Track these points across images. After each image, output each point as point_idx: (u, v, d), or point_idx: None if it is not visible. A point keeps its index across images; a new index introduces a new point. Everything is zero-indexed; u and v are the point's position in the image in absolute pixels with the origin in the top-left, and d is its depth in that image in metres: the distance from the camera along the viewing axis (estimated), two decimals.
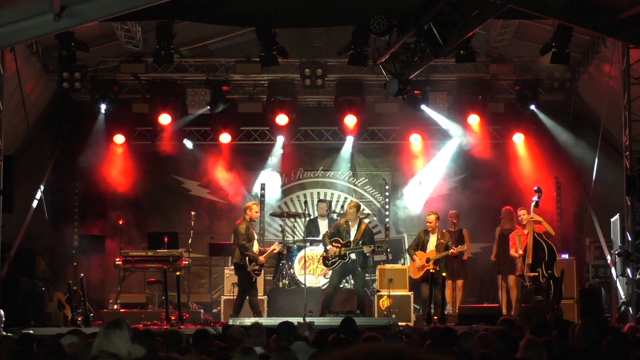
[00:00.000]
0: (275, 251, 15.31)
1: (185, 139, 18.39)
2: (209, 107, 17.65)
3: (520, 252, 14.53)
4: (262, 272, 15.71)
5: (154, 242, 15.88)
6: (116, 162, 18.14)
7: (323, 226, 16.38)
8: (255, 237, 14.94)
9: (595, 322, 7.73)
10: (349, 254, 14.69)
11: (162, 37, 15.85)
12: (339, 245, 14.73)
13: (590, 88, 17.22)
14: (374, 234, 15.93)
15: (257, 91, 18.49)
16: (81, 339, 6.99)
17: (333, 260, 14.75)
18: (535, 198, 14.54)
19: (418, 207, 18.16)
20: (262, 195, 17.90)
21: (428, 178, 18.37)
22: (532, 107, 17.50)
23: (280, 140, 18.37)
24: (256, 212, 15.01)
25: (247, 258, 14.46)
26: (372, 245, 14.90)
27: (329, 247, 14.83)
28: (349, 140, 18.45)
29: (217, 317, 15.59)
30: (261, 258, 14.62)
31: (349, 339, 8.08)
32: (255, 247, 14.68)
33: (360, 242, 14.72)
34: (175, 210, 18.16)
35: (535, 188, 14.75)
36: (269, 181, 18.38)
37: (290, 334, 8.28)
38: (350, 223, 14.94)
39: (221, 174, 18.38)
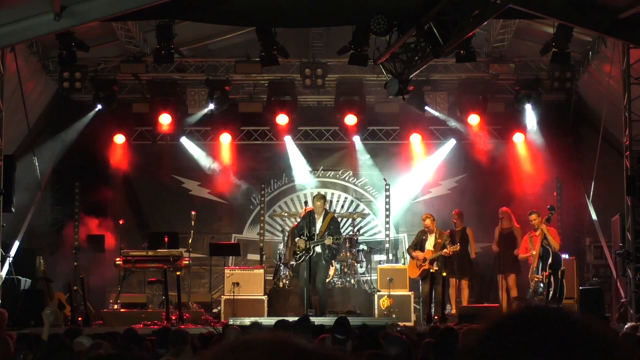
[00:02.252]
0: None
1: (185, 139, 18.39)
2: (213, 107, 17.64)
3: (534, 252, 14.69)
4: (263, 272, 15.79)
5: (154, 242, 15.88)
6: (116, 161, 18.14)
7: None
8: None
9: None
10: (313, 247, 14.35)
11: (162, 37, 15.84)
12: (305, 238, 14.43)
13: (590, 88, 17.22)
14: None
15: (257, 91, 18.49)
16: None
17: (300, 254, 14.41)
18: (548, 214, 14.73)
19: (418, 207, 18.17)
20: (262, 195, 17.90)
21: (428, 178, 18.37)
22: (532, 106, 17.50)
23: (289, 140, 18.35)
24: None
25: None
26: (335, 237, 14.42)
27: (297, 239, 14.56)
28: (357, 140, 18.46)
29: (217, 317, 15.59)
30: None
31: (346, 338, 8.07)
32: None
33: (326, 234, 14.35)
34: (175, 210, 18.14)
35: (549, 207, 14.94)
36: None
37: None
38: (315, 215, 14.63)
39: (221, 174, 18.38)
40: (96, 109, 17.57)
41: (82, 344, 6.76)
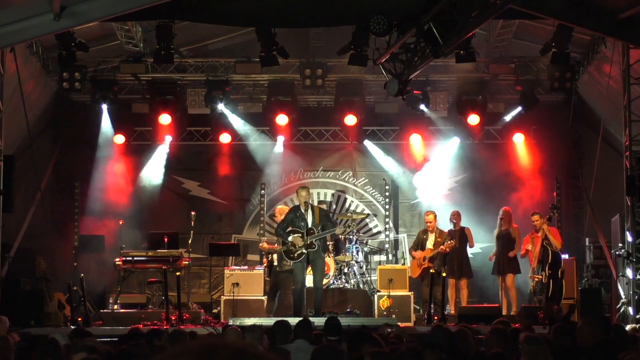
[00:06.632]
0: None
1: (185, 139, 18.39)
2: (220, 105, 17.65)
3: (529, 247, 14.77)
4: (263, 272, 15.76)
5: (154, 242, 15.87)
6: (116, 162, 18.14)
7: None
8: None
9: (599, 319, 7.74)
10: (316, 240, 13.71)
11: (162, 37, 15.84)
12: (301, 234, 13.71)
13: (590, 88, 17.22)
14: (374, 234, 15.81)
15: (257, 91, 18.49)
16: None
17: (300, 251, 13.73)
18: (550, 214, 14.81)
19: (418, 207, 18.17)
20: (262, 196, 17.89)
21: (428, 178, 18.37)
22: (532, 107, 17.50)
23: (280, 140, 18.34)
24: None
25: None
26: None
27: (290, 238, 13.81)
28: (368, 144, 18.47)
29: (217, 317, 15.58)
30: None
31: (339, 339, 8.07)
32: None
33: (320, 227, 13.79)
34: (175, 210, 18.14)
35: (551, 205, 15.03)
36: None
37: (289, 333, 8.29)
38: (302, 209, 13.97)
39: (221, 174, 18.37)
40: (105, 109, 17.56)
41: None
